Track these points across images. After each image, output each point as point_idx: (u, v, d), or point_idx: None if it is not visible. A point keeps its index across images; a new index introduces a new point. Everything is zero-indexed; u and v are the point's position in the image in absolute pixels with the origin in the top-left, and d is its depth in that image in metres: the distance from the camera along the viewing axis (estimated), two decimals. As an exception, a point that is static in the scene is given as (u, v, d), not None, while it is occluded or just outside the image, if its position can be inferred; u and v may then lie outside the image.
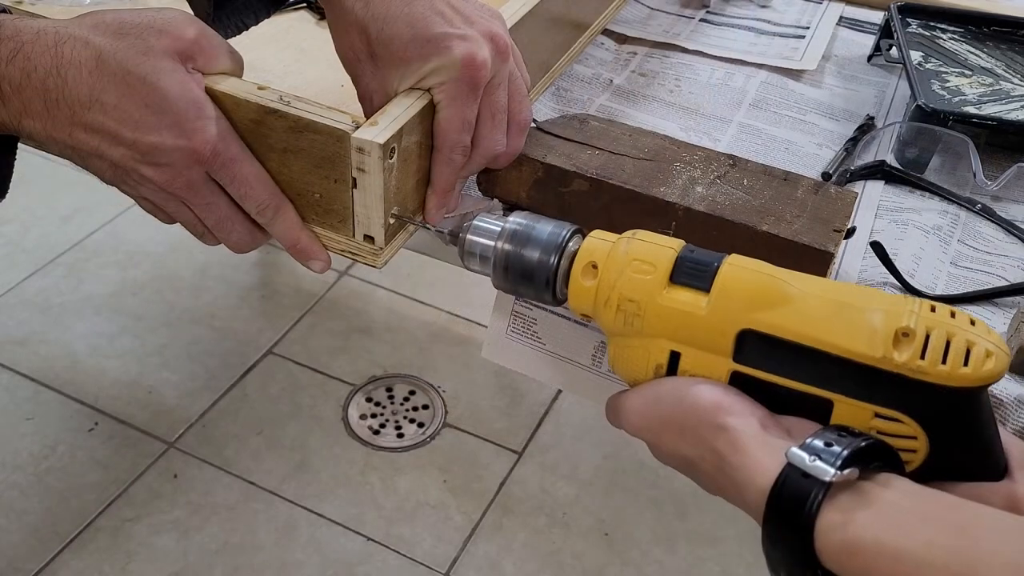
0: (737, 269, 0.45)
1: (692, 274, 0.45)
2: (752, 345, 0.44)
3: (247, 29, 0.68)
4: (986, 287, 0.62)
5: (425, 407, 1.54)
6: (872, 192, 0.70)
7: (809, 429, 0.42)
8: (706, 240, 0.55)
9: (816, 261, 0.55)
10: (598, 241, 0.48)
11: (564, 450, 1.49)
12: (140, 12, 0.51)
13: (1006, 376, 0.56)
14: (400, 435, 1.49)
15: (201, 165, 0.51)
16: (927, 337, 0.40)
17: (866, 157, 0.74)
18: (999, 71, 0.80)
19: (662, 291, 0.45)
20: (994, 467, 0.43)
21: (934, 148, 0.72)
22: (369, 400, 1.55)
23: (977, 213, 0.70)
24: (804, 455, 0.39)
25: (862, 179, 0.72)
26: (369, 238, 0.55)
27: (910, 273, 0.62)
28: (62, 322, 1.63)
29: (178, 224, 0.57)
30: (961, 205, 0.70)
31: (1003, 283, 0.63)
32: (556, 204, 0.61)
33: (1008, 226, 0.69)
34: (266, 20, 0.70)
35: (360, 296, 1.74)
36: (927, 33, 0.85)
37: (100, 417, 1.48)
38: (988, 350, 0.40)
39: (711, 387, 0.44)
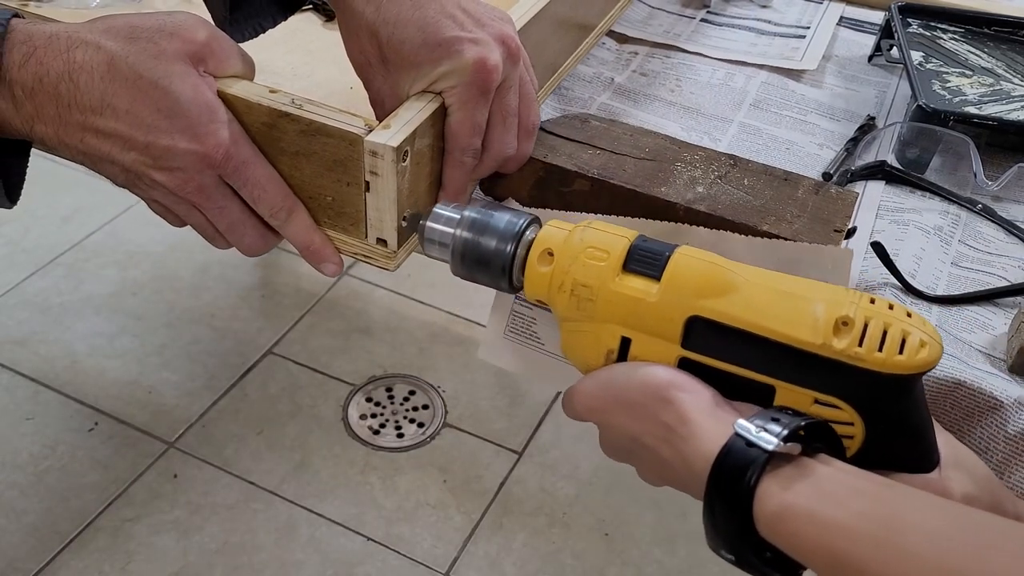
0: (687, 258, 0.46)
1: (644, 262, 0.47)
2: (699, 332, 0.45)
3: (264, 32, 0.68)
4: (987, 287, 0.62)
5: (425, 407, 1.54)
6: (873, 192, 0.70)
7: (756, 411, 0.43)
8: (707, 240, 0.55)
9: (817, 261, 0.55)
10: (555, 229, 0.50)
11: (564, 450, 1.49)
12: (151, 16, 0.51)
13: (1005, 377, 0.56)
14: (400, 435, 1.49)
15: (213, 169, 0.51)
16: (865, 326, 0.42)
17: (867, 157, 0.74)
18: (1000, 71, 0.80)
19: (615, 277, 0.47)
20: (926, 457, 0.45)
21: (935, 148, 0.72)
22: (369, 400, 1.55)
23: (978, 213, 0.70)
24: (751, 426, 0.41)
25: (863, 179, 0.72)
26: (382, 241, 0.55)
27: (911, 273, 0.62)
28: (62, 322, 1.63)
29: (179, 225, 0.57)
30: (962, 205, 0.70)
31: (1004, 283, 0.63)
32: (557, 204, 0.61)
33: (1009, 226, 0.69)
34: (275, 22, 0.70)
35: (360, 296, 1.74)
36: (928, 33, 0.85)
37: (100, 417, 1.48)
38: (923, 340, 0.42)
39: (663, 367, 0.46)
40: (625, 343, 0.47)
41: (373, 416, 1.52)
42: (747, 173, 0.61)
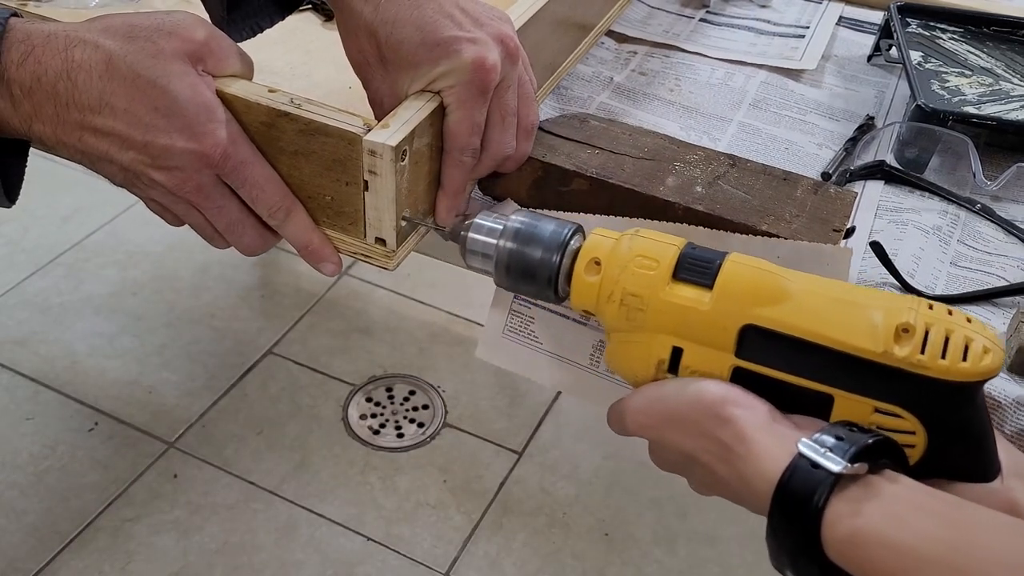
0: (739, 266, 0.46)
1: (695, 270, 0.46)
2: (754, 340, 0.45)
3: (262, 31, 0.68)
4: (986, 287, 0.62)
5: (425, 407, 1.54)
6: (872, 192, 0.71)
7: (816, 426, 0.42)
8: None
9: (816, 261, 0.55)
10: (601, 238, 0.49)
11: (564, 450, 1.49)
12: (149, 15, 0.51)
13: (1004, 377, 0.56)
14: (400, 435, 1.49)
15: (211, 168, 0.51)
16: (926, 333, 0.41)
17: (866, 157, 0.74)
18: (999, 71, 0.80)
19: (665, 286, 0.46)
20: (988, 466, 0.44)
21: (934, 148, 0.72)
22: (369, 400, 1.55)
23: (977, 213, 0.70)
24: (815, 446, 0.40)
25: (862, 179, 0.72)
26: (380, 240, 0.55)
27: (910, 273, 0.62)
28: (62, 322, 1.63)
29: (177, 224, 0.57)
30: (961, 205, 0.70)
31: (1002, 283, 0.63)
32: (556, 203, 0.61)
33: (1008, 226, 0.69)
34: (274, 22, 0.70)
35: (360, 296, 1.74)
36: (927, 33, 0.85)
37: (100, 417, 1.48)
38: (986, 346, 0.41)
39: (716, 382, 0.45)
40: (676, 353, 0.46)
41: (373, 416, 1.52)
42: (746, 173, 0.61)
